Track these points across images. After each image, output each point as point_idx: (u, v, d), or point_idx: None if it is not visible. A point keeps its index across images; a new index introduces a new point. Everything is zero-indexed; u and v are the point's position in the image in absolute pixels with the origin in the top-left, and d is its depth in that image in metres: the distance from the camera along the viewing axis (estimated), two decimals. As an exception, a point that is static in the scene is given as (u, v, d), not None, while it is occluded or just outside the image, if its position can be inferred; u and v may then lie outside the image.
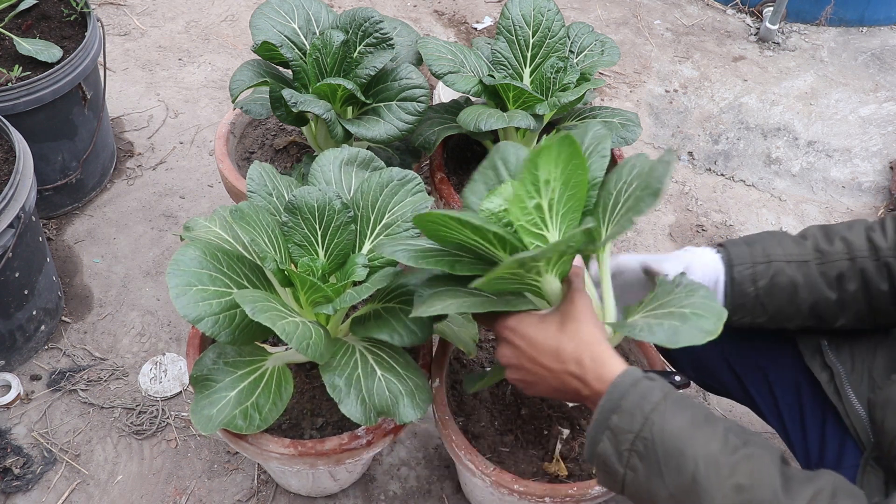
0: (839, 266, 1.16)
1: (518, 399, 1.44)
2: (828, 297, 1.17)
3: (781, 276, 1.17)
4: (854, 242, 1.17)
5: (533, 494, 1.26)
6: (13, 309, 1.71)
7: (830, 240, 1.19)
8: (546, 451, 1.38)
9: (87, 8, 2.03)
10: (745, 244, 1.20)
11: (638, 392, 0.91)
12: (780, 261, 1.17)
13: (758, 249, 1.19)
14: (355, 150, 1.36)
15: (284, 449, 1.25)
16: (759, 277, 1.17)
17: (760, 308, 1.18)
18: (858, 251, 1.16)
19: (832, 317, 1.19)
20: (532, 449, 1.38)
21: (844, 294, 1.17)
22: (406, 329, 1.15)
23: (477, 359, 1.52)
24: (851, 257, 1.16)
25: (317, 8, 1.67)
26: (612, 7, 3.12)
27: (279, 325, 1.00)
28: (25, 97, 1.82)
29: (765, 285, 1.17)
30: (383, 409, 1.13)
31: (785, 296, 1.17)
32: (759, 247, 1.19)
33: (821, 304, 1.17)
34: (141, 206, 2.21)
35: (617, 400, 0.91)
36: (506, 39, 1.67)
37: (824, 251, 1.17)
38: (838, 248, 1.17)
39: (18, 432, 1.71)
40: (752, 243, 1.20)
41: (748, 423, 1.85)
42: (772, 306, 1.18)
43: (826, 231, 1.21)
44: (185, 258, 1.07)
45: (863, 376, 1.19)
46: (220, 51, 2.76)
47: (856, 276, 1.16)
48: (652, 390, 0.91)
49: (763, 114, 2.65)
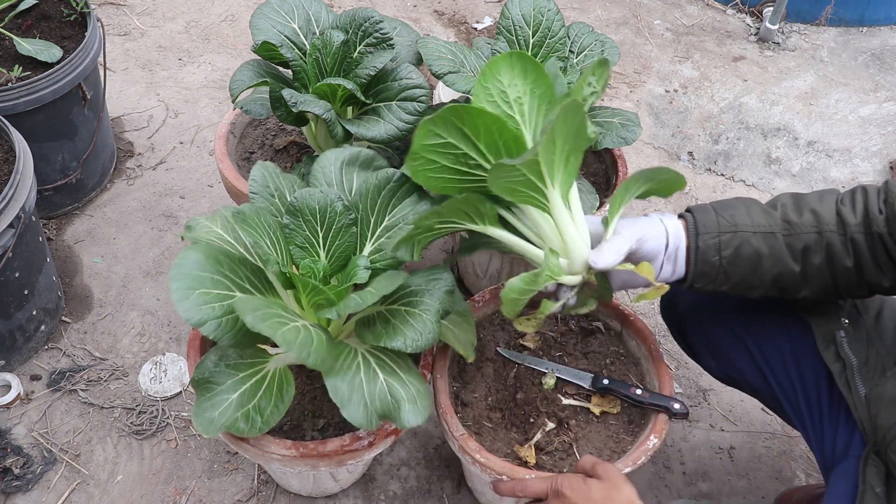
0: (806, 239, 1.16)
1: (518, 382, 1.45)
2: (792, 268, 1.16)
3: (746, 247, 1.17)
4: (823, 215, 1.16)
5: (492, 469, 1.29)
6: (13, 309, 1.71)
7: (800, 211, 1.18)
8: (527, 437, 1.39)
9: (87, 8, 2.03)
10: (714, 211, 1.20)
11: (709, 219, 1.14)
12: (746, 231, 1.17)
13: (725, 218, 1.19)
14: (356, 150, 1.36)
15: (286, 450, 1.25)
16: (724, 247, 1.17)
17: (724, 276, 1.19)
18: (826, 225, 1.15)
19: (795, 288, 1.19)
20: (514, 432, 1.40)
21: (809, 267, 1.16)
22: (415, 333, 1.15)
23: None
24: (819, 231, 1.15)
25: (317, 8, 1.67)
26: (612, 7, 3.12)
27: (280, 334, 1.00)
28: (25, 97, 1.82)
29: (729, 255, 1.17)
30: (385, 413, 1.13)
31: (749, 266, 1.17)
32: (726, 214, 1.19)
33: (784, 275, 1.17)
34: (141, 206, 2.21)
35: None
36: (506, 39, 1.67)
37: (792, 222, 1.17)
38: (807, 219, 1.16)
39: (18, 432, 1.71)
40: (720, 211, 1.20)
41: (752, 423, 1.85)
42: (735, 275, 1.18)
43: (797, 201, 1.19)
44: (187, 261, 1.07)
45: (875, 369, 1.19)
46: (220, 51, 2.76)
47: (821, 249, 1.15)
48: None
49: (763, 114, 2.65)
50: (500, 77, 1.15)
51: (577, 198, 1.19)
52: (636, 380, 1.48)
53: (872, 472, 1.11)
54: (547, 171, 1.08)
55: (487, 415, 1.43)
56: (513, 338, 1.54)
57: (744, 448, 1.80)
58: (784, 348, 1.31)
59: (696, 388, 1.91)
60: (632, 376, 1.49)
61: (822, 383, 1.26)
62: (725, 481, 1.74)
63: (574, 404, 1.43)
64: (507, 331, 1.56)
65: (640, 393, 1.39)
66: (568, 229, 1.16)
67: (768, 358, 1.33)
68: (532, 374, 1.47)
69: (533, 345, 1.52)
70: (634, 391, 1.40)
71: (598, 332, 1.56)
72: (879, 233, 1.12)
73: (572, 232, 1.17)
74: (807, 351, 1.28)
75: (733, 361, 1.38)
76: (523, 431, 1.40)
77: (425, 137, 1.08)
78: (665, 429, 1.35)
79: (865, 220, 1.14)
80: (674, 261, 1.19)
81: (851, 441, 1.20)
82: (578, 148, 1.13)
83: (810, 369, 1.28)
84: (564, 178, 1.13)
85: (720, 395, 1.89)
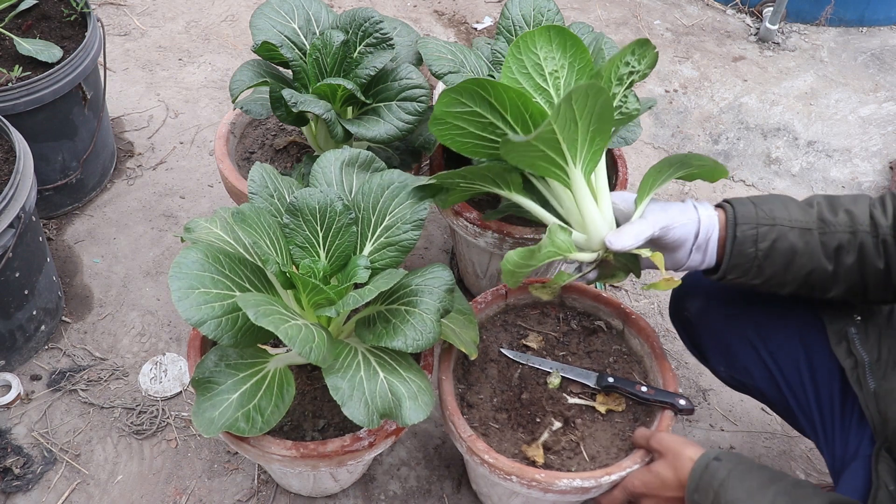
0: (840, 238, 1.16)
1: (523, 383, 1.45)
2: (825, 267, 1.17)
3: (783, 241, 1.17)
4: (858, 216, 1.17)
5: (501, 469, 1.29)
6: (13, 309, 1.71)
7: (835, 210, 1.19)
8: (534, 437, 1.39)
9: (87, 8, 2.03)
10: (752, 203, 1.20)
11: (709, 473, 1.17)
12: (784, 225, 1.17)
13: (763, 211, 1.19)
14: (356, 151, 1.36)
15: (286, 451, 1.25)
16: (762, 239, 1.17)
17: (757, 269, 1.19)
18: (861, 225, 1.16)
19: (825, 288, 1.19)
20: (521, 432, 1.40)
21: (840, 267, 1.17)
22: (416, 332, 1.15)
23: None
24: (853, 230, 1.16)
25: (317, 8, 1.67)
26: (612, 7, 3.12)
27: (282, 330, 1.00)
28: (25, 97, 1.82)
29: (766, 247, 1.17)
30: (386, 411, 1.13)
31: (783, 261, 1.17)
32: (765, 208, 1.19)
33: (816, 273, 1.18)
34: (141, 206, 2.21)
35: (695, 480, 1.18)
36: (506, 39, 1.67)
37: (828, 221, 1.18)
38: (842, 219, 1.17)
39: (18, 432, 1.71)
40: (759, 204, 1.20)
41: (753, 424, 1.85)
42: (768, 269, 1.18)
43: (831, 201, 1.20)
44: (187, 261, 1.07)
45: (887, 366, 1.19)
46: (220, 51, 2.76)
47: (854, 249, 1.16)
48: (718, 470, 1.16)
49: (763, 114, 2.65)
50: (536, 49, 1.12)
51: (603, 176, 1.18)
52: (640, 378, 1.48)
53: (884, 469, 1.11)
54: (568, 149, 1.07)
55: (493, 416, 1.42)
56: (516, 339, 1.55)
57: (744, 448, 1.80)
58: (797, 353, 1.31)
59: (696, 387, 1.91)
60: (635, 374, 1.49)
61: (834, 386, 1.26)
62: (725, 481, 1.74)
63: (579, 403, 1.43)
64: (511, 332, 1.56)
65: (644, 390, 1.40)
66: (588, 207, 1.16)
67: (780, 363, 1.33)
68: (536, 374, 1.48)
69: (536, 345, 1.52)
70: (639, 388, 1.40)
71: (601, 331, 1.56)
72: None
73: (592, 210, 1.16)
74: (820, 353, 1.28)
75: (744, 366, 1.39)
76: (530, 431, 1.40)
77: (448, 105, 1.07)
78: (671, 425, 1.36)
79: (895, 222, 1.16)
80: (704, 251, 1.20)
81: (862, 441, 1.20)
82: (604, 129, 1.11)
83: (824, 371, 1.28)
84: (589, 157, 1.12)
85: (720, 395, 1.89)
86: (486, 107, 1.08)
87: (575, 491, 1.28)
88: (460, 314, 1.37)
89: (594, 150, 1.12)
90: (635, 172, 2.47)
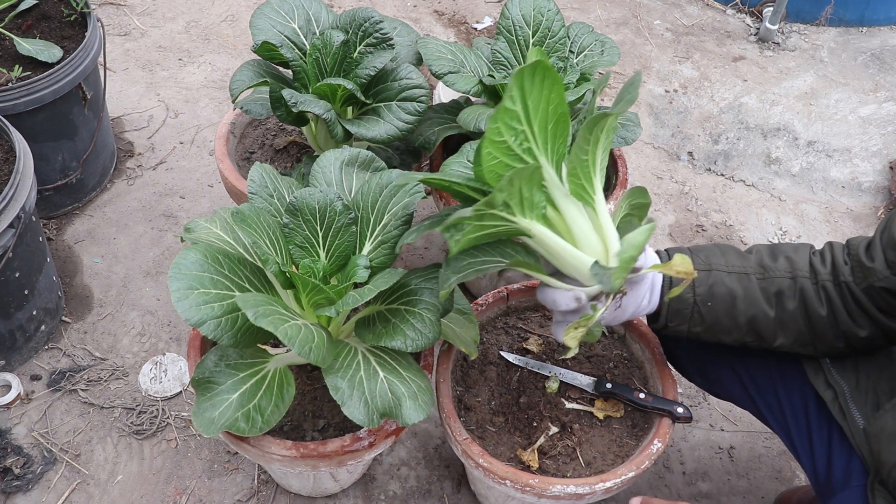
0: (779, 283, 1.17)
1: (521, 386, 1.45)
2: (766, 312, 1.17)
3: (720, 286, 1.17)
4: (797, 262, 1.18)
5: (495, 473, 1.29)
6: (13, 309, 1.71)
7: (775, 257, 1.20)
8: (531, 441, 1.39)
9: (87, 8, 2.03)
10: (689, 251, 1.21)
11: None
12: (720, 270, 1.18)
13: (700, 258, 1.20)
14: (356, 151, 1.36)
15: (286, 451, 1.25)
16: (699, 284, 1.18)
17: (698, 317, 1.19)
18: (800, 271, 1.18)
19: (770, 334, 1.19)
20: (518, 436, 1.40)
21: (783, 312, 1.17)
22: (416, 333, 1.15)
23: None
24: (793, 276, 1.17)
25: (317, 8, 1.67)
26: (612, 7, 3.12)
27: (281, 330, 1.00)
28: (25, 97, 1.82)
29: (703, 293, 1.17)
30: (386, 411, 1.13)
31: (723, 306, 1.18)
32: (701, 255, 1.21)
33: (759, 318, 1.18)
34: (141, 206, 2.21)
35: None
36: (506, 39, 1.67)
37: (767, 266, 1.18)
38: (781, 265, 1.18)
39: (18, 432, 1.71)
40: (696, 252, 1.21)
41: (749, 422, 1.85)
42: (709, 316, 1.19)
43: (772, 249, 1.22)
44: (186, 261, 1.07)
45: (868, 394, 1.19)
46: (220, 51, 2.76)
47: (795, 295, 1.17)
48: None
49: (763, 114, 2.65)
50: None
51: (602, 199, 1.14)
52: (639, 383, 1.48)
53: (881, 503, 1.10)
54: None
55: (490, 419, 1.42)
56: (516, 341, 1.54)
57: (743, 448, 1.80)
58: (774, 374, 1.31)
59: (696, 388, 1.91)
60: (635, 380, 1.49)
61: (810, 407, 1.26)
62: (725, 481, 1.74)
63: (577, 408, 1.43)
64: (511, 334, 1.56)
65: (643, 397, 1.39)
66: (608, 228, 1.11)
67: (758, 383, 1.33)
68: (535, 377, 1.47)
69: (536, 348, 1.52)
70: (638, 395, 1.40)
71: (602, 336, 1.56)
72: (846, 282, 1.15)
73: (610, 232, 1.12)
74: (795, 377, 1.28)
75: (722, 383, 1.39)
76: (526, 435, 1.40)
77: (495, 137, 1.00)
78: (669, 433, 1.35)
79: (833, 270, 1.17)
80: (651, 291, 1.19)
81: (850, 467, 1.19)
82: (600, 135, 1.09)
83: (798, 394, 1.28)
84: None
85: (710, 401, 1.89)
86: None
87: (569, 497, 1.28)
88: (460, 314, 1.37)
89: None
90: (635, 172, 2.48)
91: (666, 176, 2.48)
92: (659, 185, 2.45)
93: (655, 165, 2.51)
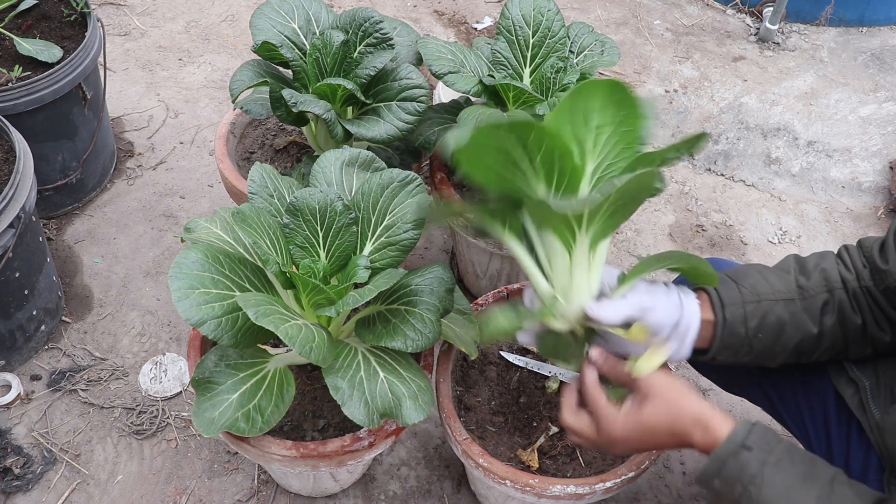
0: (820, 299, 1.16)
1: (521, 386, 1.45)
2: (811, 331, 1.16)
3: (771, 315, 1.16)
4: (830, 274, 1.17)
5: (495, 474, 1.28)
6: (13, 309, 1.71)
7: (808, 274, 1.18)
8: (530, 441, 1.39)
9: (87, 8, 2.03)
10: (733, 282, 1.18)
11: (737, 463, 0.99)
12: (768, 300, 1.16)
13: (746, 288, 1.17)
14: (356, 151, 1.37)
15: (286, 451, 1.25)
16: (750, 317, 1.15)
17: (748, 348, 1.17)
18: (835, 283, 1.16)
19: (811, 352, 1.19)
20: (518, 436, 1.40)
21: (824, 327, 1.16)
22: (416, 333, 1.15)
23: None
24: (830, 289, 1.16)
25: (317, 8, 1.67)
26: (612, 7, 3.12)
27: (282, 329, 1.00)
28: (26, 97, 1.82)
29: (755, 325, 1.15)
30: (386, 411, 1.14)
31: (773, 335, 1.16)
32: (746, 284, 1.18)
33: (805, 340, 1.17)
34: (141, 206, 2.21)
35: (718, 467, 1.01)
36: (506, 39, 1.67)
37: (804, 286, 1.17)
38: (816, 280, 1.17)
39: (18, 432, 1.71)
40: (740, 281, 1.18)
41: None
42: (759, 345, 1.17)
43: (802, 264, 1.20)
44: (187, 261, 1.07)
45: (886, 391, 1.19)
46: (220, 51, 2.76)
47: (834, 309, 1.16)
48: (749, 463, 0.99)
49: (763, 114, 2.65)
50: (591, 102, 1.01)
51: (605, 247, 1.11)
52: None
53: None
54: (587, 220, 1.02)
55: (490, 419, 1.42)
56: (516, 341, 1.54)
57: (744, 448, 1.80)
58: (793, 373, 1.30)
59: (696, 388, 1.91)
60: None
61: (829, 407, 1.26)
62: (725, 481, 1.74)
63: None
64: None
65: None
66: (580, 274, 1.09)
67: (775, 381, 1.32)
68: (535, 377, 1.47)
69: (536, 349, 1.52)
70: None
71: None
72: (867, 286, 1.15)
73: (582, 278, 1.09)
74: (815, 376, 1.28)
75: (737, 381, 1.38)
76: (526, 435, 1.40)
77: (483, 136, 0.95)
78: None
79: (857, 275, 1.16)
80: (681, 340, 1.15)
81: (868, 462, 1.18)
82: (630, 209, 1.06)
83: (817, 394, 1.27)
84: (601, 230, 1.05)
85: (720, 395, 1.89)
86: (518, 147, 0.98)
87: (569, 497, 1.28)
88: (460, 314, 1.37)
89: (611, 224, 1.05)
90: (635, 172, 2.47)
91: (666, 176, 2.48)
92: (659, 185, 2.45)
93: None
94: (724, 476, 1.00)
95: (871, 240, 1.18)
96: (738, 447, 1.00)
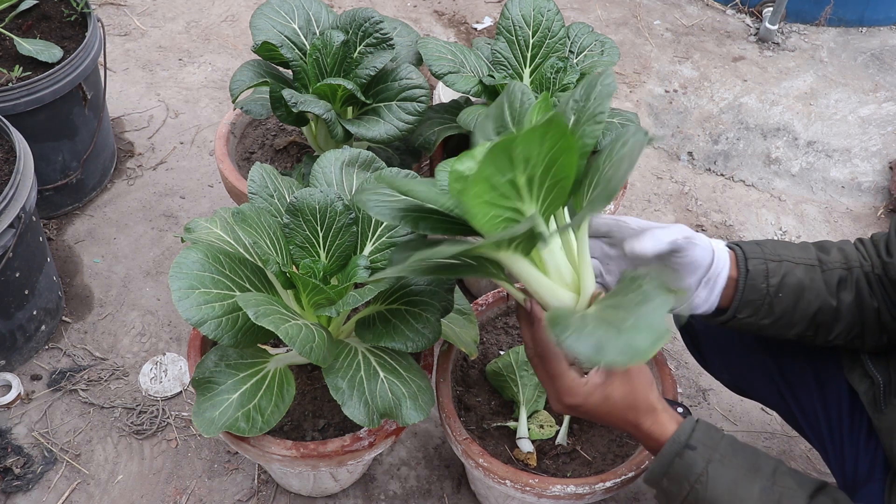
0: (839, 273, 1.17)
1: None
2: (830, 303, 1.16)
3: (791, 277, 1.16)
4: (849, 254, 1.19)
5: (495, 474, 1.29)
6: (13, 309, 1.71)
7: (827, 250, 1.20)
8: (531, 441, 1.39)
9: (87, 8, 2.03)
10: (756, 244, 1.20)
11: (683, 463, 1.03)
12: (790, 261, 1.17)
13: (769, 248, 1.18)
14: (356, 152, 1.37)
15: (286, 451, 1.25)
16: (772, 274, 1.15)
17: (767, 307, 1.16)
18: (854, 262, 1.18)
19: (829, 327, 1.19)
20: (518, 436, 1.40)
21: (842, 303, 1.17)
22: (416, 333, 1.15)
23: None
24: (848, 267, 1.18)
25: (317, 8, 1.67)
26: (612, 7, 3.12)
27: (282, 329, 1.00)
28: (26, 97, 1.82)
29: (776, 283, 1.15)
30: (386, 411, 1.14)
31: (792, 298, 1.16)
32: (769, 246, 1.19)
33: (824, 310, 1.17)
34: (141, 206, 2.21)
35: (665, 468, 1.05)
36: (506, 39, 1.67)
37: (823, 259, 1.18)
38: (835, 256, 1.18)
39: (19, 432, 1.71)
40: (762, 244, 1.20)
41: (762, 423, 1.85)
42: (779, 307, 1.16)
43: (820, 243, 1.22)
44: (187, 261, 1.07)
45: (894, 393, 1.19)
46: (220, 51, 2.76)
47: (852, 286, 1.17)
48: (695, 462, 1.03)
49: (763, 114, 2.65)
50: None
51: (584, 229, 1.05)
52: None
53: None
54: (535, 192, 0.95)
55: (491, 419, 1.42)
56: (516, 341, 1.54)
57: (744, 448, 1.80)
58: (807, 372, 1.30)
59: (696, 387, 1.91)
60: None
61: (843, 407, 1.26)
62: (725, 481, 1.74)
63: None
64: (511, 334, 1.56)
65: None
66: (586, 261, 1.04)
67: (791, 381, 1.32)
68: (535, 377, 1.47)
69: None
70: None
71: None
72: (880, 275, 1.16)
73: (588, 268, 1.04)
74: (830, 375, 1.28)
75: (751, 381, 1.39)
76: None
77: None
78: None
79: (871, 263, 1.18)
80: (711, 287, 1.13)
81: (876, 460, 1.19)
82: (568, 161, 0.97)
83: (833, 394, 1.28)
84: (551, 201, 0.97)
85: (720, 395, 1.89)
86: None
87: (569, 497, 1.28)
88: (460, 314, 1.38)
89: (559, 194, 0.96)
90: (635, 172, 2.48)
91: (666, 176, 2.48)
92: (659, 185, 2.45)
93: (655, 165, 2.51)
94: (671, 475, 1.04)
95: (880, 234, 1.20)
96: (683, 447, 1.04)
